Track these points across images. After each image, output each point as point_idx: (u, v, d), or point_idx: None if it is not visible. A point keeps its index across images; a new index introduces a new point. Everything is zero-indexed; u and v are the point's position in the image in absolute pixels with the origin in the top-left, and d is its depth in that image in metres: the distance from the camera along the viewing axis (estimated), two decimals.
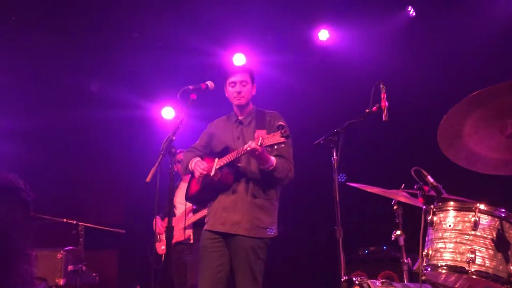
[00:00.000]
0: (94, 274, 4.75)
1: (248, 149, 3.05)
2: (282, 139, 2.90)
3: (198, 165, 3.35)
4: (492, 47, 5.11)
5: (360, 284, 2.74)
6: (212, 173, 3.28)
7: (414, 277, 3.11)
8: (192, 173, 3.50)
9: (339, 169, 3.31)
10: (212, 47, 6.04)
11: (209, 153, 3.48)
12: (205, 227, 3.34)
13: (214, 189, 3.33)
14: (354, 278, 2.84)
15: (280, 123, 2.95)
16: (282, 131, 2.90)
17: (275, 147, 2.97)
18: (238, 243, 3.18)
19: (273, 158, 3.21)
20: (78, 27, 5.86)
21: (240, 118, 3.50)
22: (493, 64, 5.04)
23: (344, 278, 3.03)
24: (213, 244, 3.24)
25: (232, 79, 3.46)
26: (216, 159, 3.33)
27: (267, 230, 3.26)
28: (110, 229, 4.99)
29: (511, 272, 2.07)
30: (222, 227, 3.22)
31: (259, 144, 2.99)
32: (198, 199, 3.54)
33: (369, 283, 2.73)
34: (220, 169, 3.27)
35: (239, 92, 3.42)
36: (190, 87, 3.24)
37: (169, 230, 2.94)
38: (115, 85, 6.23)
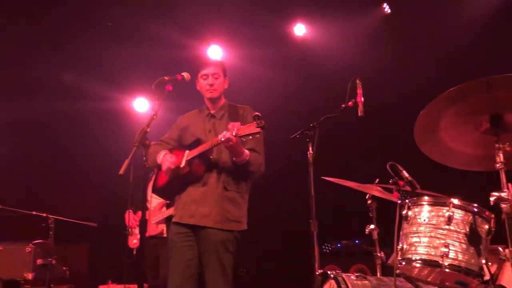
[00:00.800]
0: (64, 268, 4.65)
1: (222, 139, 3.01)
2: (258, 130, 2.89)
3: (166, 159, 3.30)
4: (467, 44, 5.21)
5: (335, 278, 2.76)
6: (182, 164, 3.23)
7: (386, 270, 3.16)
8: (158, 167, 3.45)
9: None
10: (186, 39, 5.97)
11: (179, 146, 3.44)
12: (173, 219, 3.29)
13: (183, 181, 3.29)
14: (329, 272, 2.86)
15: (256, 113, 2.93)
16: (258, 121, 2.88)
17: (250, 137, 2.95)
18: (207, 236, 3.15)
19: (247, 151, 3.20)
20: (49, 16, 5.69)
21: (212, 111, 3.47)
22: (468, 61, 5.14)
23: (318, 271, 3.05)
24: (181, 238, 3.21)
25: (204, 71, 3.43)
26: (187, 151, 3.29)
27: (237, 223, 3.25)
28: (81, 222, 4.89)
29: (482, 266, 2.11)
30: (191, 220, 3.18)
31: (234, 134, 2.97)
32: (166, 192, 3.47)
33: (344, 276, 2.75)
34: (190, 160, 3.23)
35: (211, 85, 3.40)
36: (166, 78, 3.19)
37: (143, 224, 2.89)
38: (87, 75, 6.09)
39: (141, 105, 6.54)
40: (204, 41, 6.16)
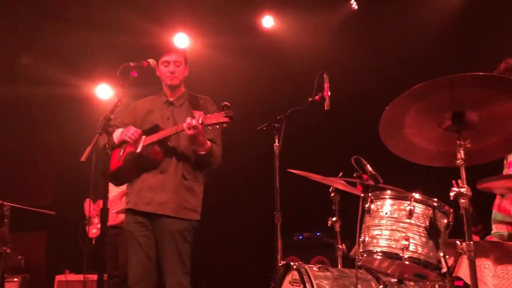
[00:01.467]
0: (19, 257, 4.53)
1: (187, 126, 2.97)
2: (226, 119, 2.88)
3: (126, 131, 3.21)
4: (432, 42, 5.34)
5: (297, 269, 2.79)
6: (139, 149, 3.18)
7: (347, 262, 3.22)
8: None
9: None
10: (152, 26, 5.86)
11: None
12: (127, 206, 3.23)
13: (138, 167, 3.22)
14: (292, 263, 2.89)
15: (225, 103, 2.91)
16: (227, 111, 2.87)
17: (217, 126, 2.93)
18: (164, 225, 3.12)
19: (209, 142, 3.18)
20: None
21: (170, 99, 3.42)
22: (433, 58, 5.28)
23: (281, 262, 3.08)
24: (138, 228, 3.17)
25: (165, 58, 3.39)
26: (143, 137, 3.23)
27: (194, 212, 3.23)
28: (39, 210, 4.75)
29: (440, 259, 2.18)
30: (147, 207, 3.14)
31: (200, 122, 2.95)
32: (118, 177, 3.36)
33: (307, 267, 2.78)
34: (147, 146, 3.17)
35: (172, 72, 3.36)
36: (131, 64, 3.12)
37: (104, 213, 2.82)
38: (48, 61, 5.89)
39: (103, 91, 6.38)
40: (171, 28, 6.06)
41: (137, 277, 3.12)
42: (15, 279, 4.94)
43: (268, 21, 6.15)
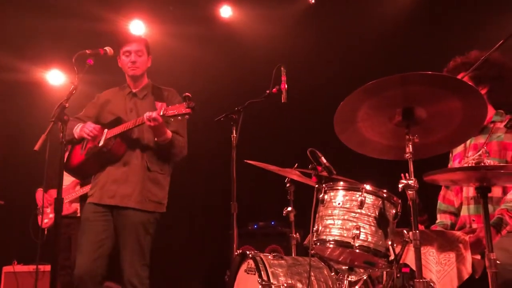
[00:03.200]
0: None
1: (148, 118, 2.97)
2: (188, 110, 2.89)
3: (85, 127, 3.18)
4: (388, 37, 5.49)
5: (253, 258, 2.85)
6: (101, 143, 3.15)
7: (299, 250, 3.32)
8: (72, 143, 3.32)
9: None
10: (106, 12, 5.72)
11: (96, 125, 3.31)
12: (90, 200, 3.20)
13: (101, 161, 3.20)
14: (248, 252, 2.94)
15: (186, 94, 2.92)
16: (188, 102, 2.88)
17: (179, 118, 2.94)
18: (127, 217, 3.11)
19: (169, 132, 3.18)
20: None
21: (134, 90, 3.40)
22: (388, 53, 5.44)
23: (237, 251, 3.13)
24: (97, 217, 3.14)
25: (127, 48, 3.35)
26: (106, 130, 3.20)
27: (159, 204, 3.23)
28: None
29: (388, 247, 2.29)
30: (111, 200, 3.12)
31: (161, 114, 2.95)
32: (81, 171, 3.35)
33: (262, 256, 2.85)
34: (110, 139, 3.15)
35: (133, 62, 3.33)
36: (87, 51, 3.07)
37: (59, 203, 2.76)
38: None
39: (55, 77, 6.18)
40: (127, 15, 5.94)
41: (84, 268, 3.05)
42: None
43: (226, 11, 6.14)
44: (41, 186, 4.47)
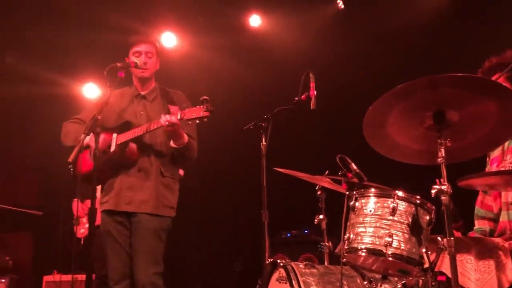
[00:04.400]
0: (6, 258, 4.49)
1: (166, 122, 2.93)
2: (206, 114, 2.85)
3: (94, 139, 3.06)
4: (419, 40, 5.40)
5: (284, 266, 2.82)
6: (112, 149, 3.11)
7: (333, 259, 3.26)
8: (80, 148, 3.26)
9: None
10: (139, 25, 5.84)
11: (101, 128, 3.19)
12: (105, 207, 3.16)
13: (114, 167, 3.15)
14: (278, 261, 2.92)
15: (204, 97, 2.89)
16: (207, 105, 2.85)
17: (197, 121, 2.91)
18: (141, 223, 3.08)
19: (185, 135, 3.13)
20: None
21: (142, 92, 3.34)
22: (418, 57, 5.34)
23: (268, 260, 3.11)
24: (117, 227, 3.13)
25: (137, 48, 3.30)
26: (115, 134, 3.16)
27: (171, 209, 3.22)
28: (25, 210, 4.72)
29: (422, 254, 2.22)
30: (127, 207, 3.10)
31: (179, 117, 2.92)
32: (92, 178, 3.30)
33: (293, 265, 2.82)
34: (122, 145, 3.12)
35: (144, 63, 3.26)
36: (118, 64, 3.10)
37: (92, 213, 2.82)
38: (34, 59, 5.84)
39: (90, 90, 6.36)
40: (158, 27, 6.06)
41: (119, 276, 3.08)
42: (3, 280, 4.91)
43: (255, 20, 6.17)
44: (77, 197, 4.58)
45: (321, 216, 3.29)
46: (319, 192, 3.32)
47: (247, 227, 5.45)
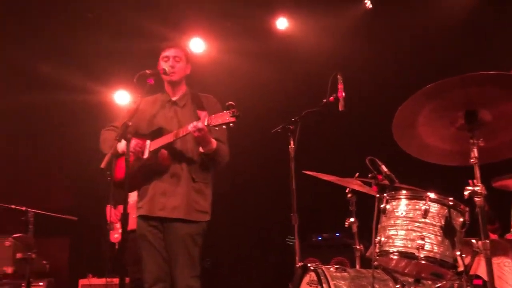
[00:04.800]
0: (44, 262, 4.62)
1: (193, 129, 2.95)
2: (232, 119, 2.85)
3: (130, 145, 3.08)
4: (446, 41, 5.30)
5: (315, 270, 2.81)
6: (146, 155, 3.16)
7: (365, 262, 3.22)
8: (115, 157, 3.29)
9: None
10: (168, 31, 5.93)
11: (135, 134, 3.27)
12: (140, 212, 3.23)
13: (147, 173, 3.19)
14: (309, 264, 2.90)
15: (230, 102, 2.89)
16: (233, 110, 2.85)
17: (224, 126, 2.92)
18: (176, 229, 3.12)
19: (214, 140, 3.15)
20: (30, 7, 5.59)
21: (173, 98, 3.37)
22: (447, 57, 5.23)
23: (299, 264, 3.10)
24: (152, 231, 3.18)
25: (165, 53, 3.34)
26: (148, 141, 3.21)
27: (204, 214, 3.24)
28: (61, 216, 4.84)
29: (456, 257, 2.18)
30: (161, 212, 3.14)
31: (206, 123, 2.93)
32: (128, 184, 3.20)
33: (324, 268, 2.80)
34: (155, 151, 3.16)
35: (172, 67, 3.29)
36: (148, 71, 3.14)
37: (125, 217, 2.87)
38: (67, 67, 6.00)
39: (121, 97, 6.49)
40: (186, 33, 6.13)
41: (154, 279, 3.13)
42: (41, 283, 5.04)
43: (282, 23, 6.17)
44: (110, 202, 4.67)
45: (352, 219, 3.26)
46: (349, 195, 3.29)
47: (277, 231, 5.45)
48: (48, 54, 5.99)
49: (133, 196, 4.69)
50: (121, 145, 3.16)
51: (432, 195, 2.24)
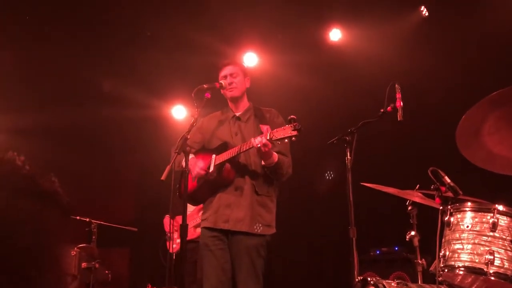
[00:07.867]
0: (106, 271, 4.77)
1: (259, 145, 2.98)
2: (294, 133, 2.86)
3: (194, 164, 3.29)
4: (509, 46, 5.05)
5: (375, 284, 2.73)
6: (211, 169, 3.24)
7: (427, 278, 3.10)
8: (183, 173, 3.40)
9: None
10: (223, 46, 6.05)
11: (203, 150, 3.43)
12: (205, 224, 3.30)
13: (213, 187, 3.29)
14: (369, 279, 2.83)
15: (291, 116, 2.91)
16: (294, 124, 2.86)
17: (286, 140, 2.93)
18: (240, 241, 3.17)
19: (275, 154, 3.18)
20: (93, 24, 5.88)
21: (237, 113, 3.46)
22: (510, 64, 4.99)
23: (358, 278, 3.02)
24: (215, 241, 3.23)
25: (222, 73, 3.45)
26: (214, 156, 3.29)
27: (268, 227, 3.25)
28: (122, 227, 5.01)
29: None
30: (225, 225, 3.20)
31: (268, 138, 2.96)
32: (194, 197, 3.46)
33: (385, 283, 2.72)
34: (220, 165, 3.24)
35: (230, 83, 3.39)
36: (205, 86, 3.24)
37: (184, 228, 2.94)
38: (127, 83, 6.26)
39: (179, 112, 6.66)
40: (240, 48, 6.22)
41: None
42: None
43: (335, 34, 6.12)
44: (169, 213, 4.78)
45: (412, 233, 3.15)
46: (409, 208, 3.18)
47: (334, 244, 5.36)
48: (112, 71, 6.27)
49: (190, 207, 4.81)
50: (191, 163, 3.28)
51: (500, 207, 2.13)
